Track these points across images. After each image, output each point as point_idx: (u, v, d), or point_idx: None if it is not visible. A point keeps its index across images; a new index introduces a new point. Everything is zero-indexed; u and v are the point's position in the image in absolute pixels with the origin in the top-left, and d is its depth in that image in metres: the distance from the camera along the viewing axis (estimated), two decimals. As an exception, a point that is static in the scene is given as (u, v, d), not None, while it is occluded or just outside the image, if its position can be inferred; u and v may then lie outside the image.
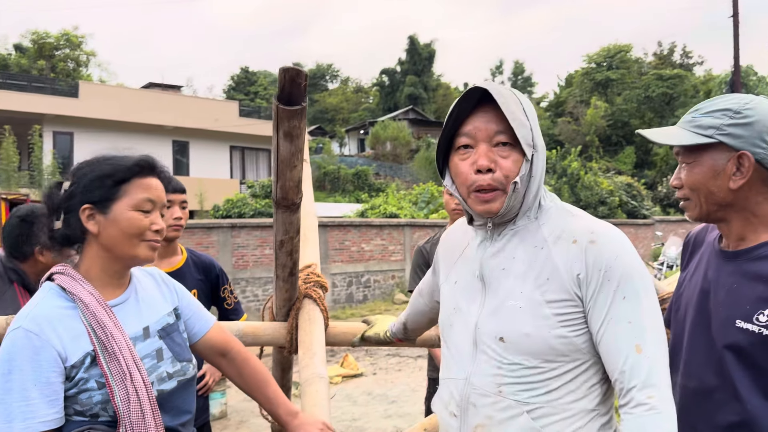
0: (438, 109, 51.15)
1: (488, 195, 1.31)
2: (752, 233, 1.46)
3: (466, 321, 1.39)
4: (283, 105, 1.46)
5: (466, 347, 1.37)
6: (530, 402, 1.27)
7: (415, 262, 3.15)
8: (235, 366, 1.71)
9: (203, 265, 2.77)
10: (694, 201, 1.50)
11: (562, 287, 1.27)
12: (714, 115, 1.44)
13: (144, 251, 1.47)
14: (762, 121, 1.40)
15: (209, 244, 12.13)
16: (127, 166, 1.48)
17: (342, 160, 33.29)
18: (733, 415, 1.40)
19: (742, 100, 1.44)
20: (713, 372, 1.45)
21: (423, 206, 19.56)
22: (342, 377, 7.44)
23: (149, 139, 21.21)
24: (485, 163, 1.29)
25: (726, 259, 1.50)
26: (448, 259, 1.57)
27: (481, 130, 1.31)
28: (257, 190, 16.36)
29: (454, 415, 1.37)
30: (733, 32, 19.29)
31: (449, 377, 1.42)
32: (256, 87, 47.20)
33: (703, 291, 1.53)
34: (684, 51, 45.50)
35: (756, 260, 1.42)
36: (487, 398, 1.30)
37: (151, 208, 1.48)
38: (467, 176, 1.33)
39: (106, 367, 1.37)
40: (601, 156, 34.86)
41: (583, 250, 1.27)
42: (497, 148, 1.31)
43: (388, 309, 13.78)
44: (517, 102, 1.32)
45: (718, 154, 1.43)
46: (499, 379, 1.29)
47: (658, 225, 21.95)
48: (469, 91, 1.32)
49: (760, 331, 1.36)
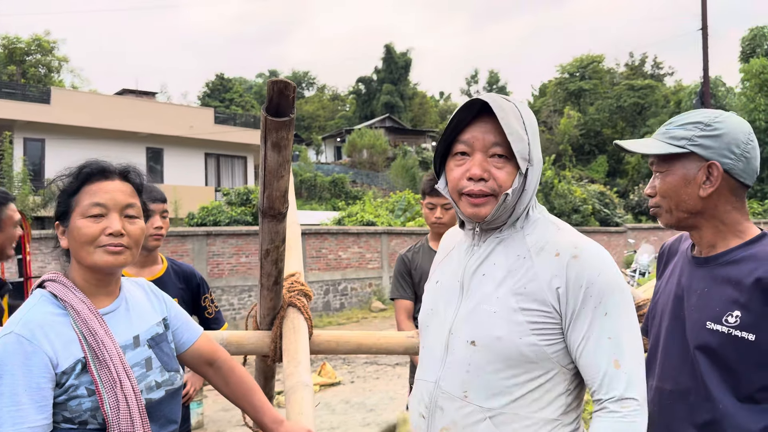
0: (414, 117, 51.44)
1: (479, 200, 1.34)
2: (721, 240, 1.53)
3: (441, 324, 1.43)
4: (271, 116, 1.49)
5: (438, 350, 1.41)
6: (493, 408, 1.30)
7: (397, 270, 3.19)
8: (221, 375, 1.72)
9: (184, 274, 2.77)
10: (665, 208, 1.57)
11: (539, 297, 1.31)
12: (686, 127, 1.52)
13: (101, 257, 1.43)
14: (730, 134, 1.48)
15: (184, 253, 12.00)
16: (73, 176, 1.48)
17: (318, 167, 33.27)
18: (706, 415, 1.46)
19: (712, 114, 1.52)
20: (687, 374, 1.51)
21: (400, 214, 19.62)
22: (320, 386, 7.42)
23: (122, 146, 20.93)
24: (477, 172, 1.33)
25: (698, 265, 1.57)
26: (437, 260, 1.61)
27: (478, 139, 1.35)
28: (233, 197, 16.22)
29: (422, 416, 1.41)
30: (703, 45, 19.80)
31: (422, 378, 1.46)
32: (231, 94, 46.86)
33: (677, 297, 1.59)
34: (655, 62, 46.55)
35: (725, 265, 1.50)
36: (454, 402, 1.34)
37: (103, 212, 1.44)
38: (458, 181, 1.37)
39: (96, 375, 1.37)
40: (574, 165, 35.39)
41: (564, 264, 1.30)
42: (493, 159, 1.34)
43: (365, 317, 13.77)
44: (517, 115, 1.34)
45: (689, 164, 1.51)
46: (466, 384, 1.33)
47: (630, 232, 22.32)
48: (471, 102, 1.35)
49: (729, 332, 1.43)
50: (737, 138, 1.49)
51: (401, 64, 50.85)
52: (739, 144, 1.48)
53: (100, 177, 1.48)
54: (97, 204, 1.43)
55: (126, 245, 1.45)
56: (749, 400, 1.42)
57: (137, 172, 1.57)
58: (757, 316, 1.40)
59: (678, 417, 1.52)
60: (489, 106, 1.32)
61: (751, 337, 1.40)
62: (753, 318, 1.41)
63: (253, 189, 16.43)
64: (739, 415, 1.42)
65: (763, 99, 33.44)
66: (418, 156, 35.43)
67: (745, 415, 1.41)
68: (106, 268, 1.45)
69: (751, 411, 1.41)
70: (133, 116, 21.31)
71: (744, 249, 1.49)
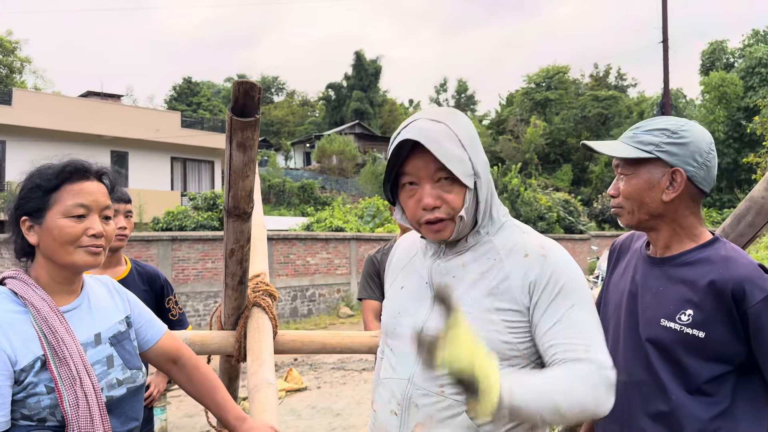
0: (384, 124, 51.59)
1: (437, 226, 1.39)
2: (677, 242, 1.61)
3: (413, 323, 1.45)
4: (236, 116, 1.51)
5: (410, 349, 1.42)
6: None
7: (366, 271, 3.23)
8: (185, 372, 1.73)
9: (148, 276, 2.75)
10: (627, 209, 1.63)
11: (511, 297, 1.36)
12: (653, 133, 1.58)
13: (81, 257, 1.45)
14: (695, 143, 1.55)
15: (148, 257, 11.83)
16: (54, 173, 1.47)
17: (287, 173, 33.07)
18: (660, 405, 1.53)
19: (678, 122, 1.59)
20: (641, 367, 1.58)
21: (369, 220, 19.65)
22: (286, 391, 7.38)
23: (87, 149, 20.08)
24: (430, 201, 1.37)
25: (653, 265, 1.64)
26: (396, 266, 1.64)
27: (421, 169, 1.38)
28: (199, 202, 16.02)
29: (395, 413, 1.42)
30: (663, 57, 20.38)
31: (391, 377, 1.47)
32: (198, 98, 46.34)
33: (631, 293, 1.66)
34: (619, 73, 47.68)
35: (680, 266, 1.57)
36: (429, 398, 1.36)
37: (85, 213, 1.46)
38: (415, 212, 1.41)
39: (56, 372, 1.37)
40: (540, 173, 35.97)
41: (534, 263, 1.37)
42: (440, 183, 1.38)
43: (332, 323, 13.75)
44: (451, 135, 1.36)
45: (654, 169, 1.57)
46: (442, 379, 1.35)
47: (593, 240, 22.78)
48: (402, 140, 1.37)
49: (681, 329, 1.50)
50: (701, 147, 1.55)
51: (371, 71, 51.02)
52: (702, 153, 1.55)
53: (81, 177, 1.49)
54: (81, 205, 1.45)
55: (104, 246, 1.49)
56: (698, 392, 1.50)
57: (110, 174, 1.59)
58: (708, 315, 1.48)
59: (633, 407, 1.59)
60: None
61: (701, 335, 1.48)
62: (704, 317, 1.48)
63: (219, 194, 16.27)
64: (691, 405, 1.49)
65: (721, 111, 34.52)
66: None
67: (696, 405, 1.49)
68: (85, 267, 1.47)
69: (700, 402, 1.49)
70: (97, 119, 20.89)
71: (698, 252, 1.56)
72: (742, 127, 30.23)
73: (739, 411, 1.49)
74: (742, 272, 1.46)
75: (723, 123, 34.61)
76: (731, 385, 1.50)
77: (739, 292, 1.45)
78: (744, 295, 1.44)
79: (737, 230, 1.78)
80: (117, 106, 23.68)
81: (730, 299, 1.46)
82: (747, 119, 29.53)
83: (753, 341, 1.46)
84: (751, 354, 1.48)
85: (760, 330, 1.44)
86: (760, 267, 1.48)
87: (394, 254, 1.68)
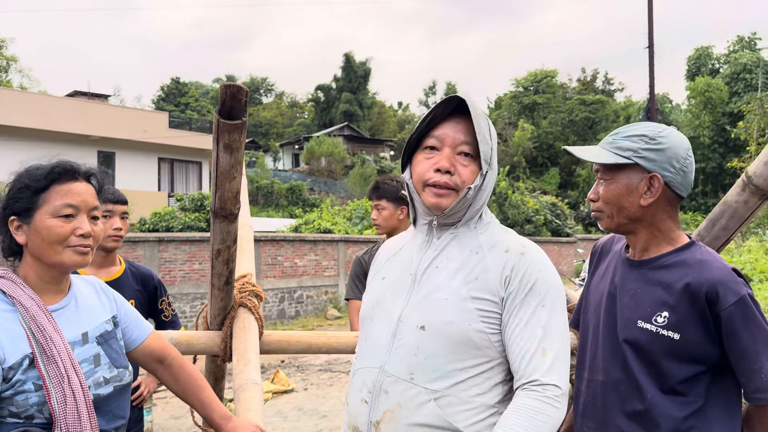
0: (373, 126, 51.62)
1: (442, 191, 1.44)
2: (655, 245, 1.65)
3: (388, 314, 1.49)
4: (223, 119, 1.54)
5: (384, 338, 1.47)
6: (438, 390, 1.37)
7: (354, 272, 3.26)
8: (171, 372, 1.75)
9: (142, 276, 2.77)
10: (607, 213, 1.67)
11: (488, 288, 1.41)
12: (632, 139, 1.62)
13: (70, 257, 1.47)
14: (672, 149, 1.60)
15: (135, 258, 11.75)
16: (44, 173, 1.49)
17: (276, 174, 33.00)
18: (636, 404, 1.58)
19: (657, 128, 1.63)
20: (618, 367, 1.62)
21: (357, 222, 19.66)
22: (272, 393, 7.38)
23: (73, 150, 20.31)
24: (446, 164, 1.43)
25: (631, 267, 1.68)
26: (380, 260, 1.67)
27: (449, 136, 1.46)
28: (186, 203, 15.92)
29: (365, 401, 1.45)
30: (649, 63, 20.60)
31: (363, 366, 1.51)
32: (186, 98, 46.15)
33: (610, 294, 1.70)
34: (606, 78, 48.09)
35: (657, 269, 1.61)
36: (399, 385, 1.40)
37: (74, 213, 1.48)
38: (425, 172, 1.46)
39: (44, 370, 1.39)
40: (527, 176, 36.17)
41: (513, 258, 1.43)
42: (459, 156, 1.45)
43: (320, 325, 13.74)
44: (486, 121, 1.47)
45: (633, 174, 1.61)
46: (413, 367, 1.39)
47: (580, 243, 22.95)
48: (449, 98, 1.45)
49: (657, 331, 1.55)
50: (678, 153, 1.59)
51: (360, 73, 51.03)
52: (679, 159, 1.59)
53: (70, 178, 1.51)
54: (69, 205, 1.47)
55: (92, 246, 1.51)
56: (672, 392, 1.54)
57: (98, 175, 1.61)
58: (683, 317, 1.52)
59: (610, 406, 1.63)
60: (464, 107, 1.44)
61: (676, 336, 1.52)
62: (679, 319, 1.53)
63: (207, 195, 16.19)
64: (665, 405, 1.54)
65: (707, 116, 34.90)
66: (376, 165, 35.58)
67: (670, 405, 1.53)
68: (73, 267, 1.49)
69: (674, 402, 1.54)
70: (84, 119, 20.74)
71: (675, 255, 1.60)
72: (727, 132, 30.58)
73: (711, 410, 1.54)
74: (716, 275, 1.50)
75: (708, 128, 35.00)
76: (705, 385, 1.54)
77: (712, 294, 1.49)
78: (717, 298, 1.48)
79: (712, 233, 1.82)
80: (104, 106, 23.51)
81: (704, 302, 1.50)
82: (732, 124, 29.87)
83: (725, 343, 1.51)
84: (724, 355, 1.53)
85: (732, 332, 1.48)
86: (734, 271, 1.53)
87: (379, 254, 1.71)
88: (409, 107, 65.29)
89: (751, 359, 1.48)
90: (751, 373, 1.49)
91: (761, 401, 1.51)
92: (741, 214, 1.75)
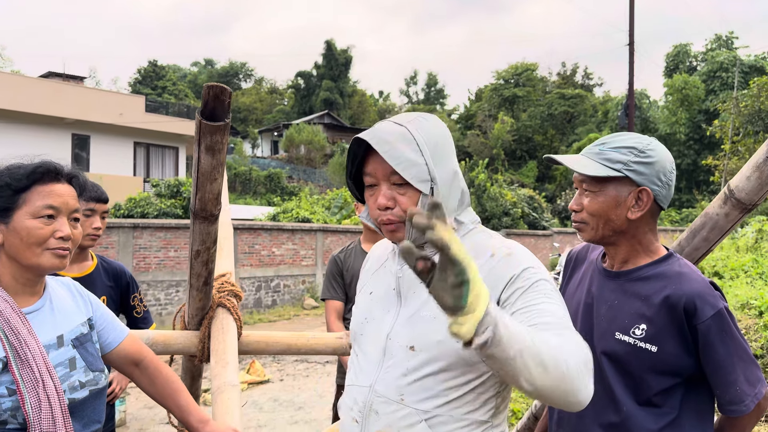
0: (354, 115, 51.44)
1: (392, 227, 1.41)
2: (634, 257, 1.65)
3: (378, 330, 1.46)
4: (206, 120, 1.50)
5: (375, 355, 1.44)
6: (429, 411, 1.34)
7: (329, 271, 3.23)
8: (147, 375, 1.72)
9: (114, 272, 2.73)
10: (591, 225, 1.64)
11: None
12: (621, 151, 1.59)
13: (48, 260, 1.44)
14: (660, 162, 1.59)
15: (109, 245, 11.57)
16: (26, 173, 1.45)
17: (254, 161, 32.75)
18: (612, 416, 1.58)
19: (644, 140, 1.61)
20: (595, 378, 1.62)
21: (336, 211, 19.61)
22: (248, 384, 7.35)
23: (47, 132, 19.91)
24: (383, 202, 1.38)
25: (609, 278, 1.68)
26: (368, 272, 1.64)
27: (378, 170, 1.40)
28: (162, 189, 15.68)
29: (356, 421, 1.43)
30: (629, 59, 20.75)
31: (354, 384, 1.47)
32: (164, 82, 45.37)
33: (587, 305, 1.70)
34: (585, 72, 48.50)
35: (635, 281, 1.61)
36: (389, 406, 1.36)
37: (54, 215, 1.45)
38: (373, 212, 1.43)
39: (17, 374, 1.35)
40: (506, 169, 36.40)
41: (500, 261, 1.37)
42: (395, 186, 1.39)
43: (297, 314, 13.71)
44: (408, 139, 1.37)
45: (622, 187, 1.59)
46: (403, 388, 1.36)
47: (556, 236, 23.19)
48: (357, 140, 1.40)
49: (635, 343, 1.55)
50: (665, 166, 1.59)
51: (342, 60, 50.73)
52: (666, 172, 1.59)
53: (52, 179, 1.48)
54: (51, 206, 1.44)
55: (70, 249, 1.48)
56: (648, 404, 1.56)
57: (79, 177, 1.58)
58: (660, 329, 1.53)
59: (585, 418, 1.63)
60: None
61: (653, 349, 1.53)
62: (656, 331, 1.53)
63: (184, 181, 15.98)
64: (640, 416, 1.55)
65: (683, 113, 35.43)
66: (355, 154, 35.42)
67: (645, 416, 1.55)
68: (51, 270, 1.46)
69: (649, 413, 1.55)
70: (58, 101, 20.29)
71: (653, 267, 1.61)
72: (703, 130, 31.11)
73: (685, 421, 1.55)
74: (694, 288, 1.51)
75: (684, 125, 35.53)
76: (679, 397, 1.56)
77: (690, 307, 1.50)
78: (695, 311, 1.49)
79: (692, 244, 1.84)
80: (79, 88, 23.01)
81: (681, 314, 1.51)
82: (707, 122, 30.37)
83: (701, 355, 1.52)
84: (700, 367, 1.54)
85: (708, 345, 1.50)
86: (711, 284, 1.54)
87: (368, 261, 1.68)
88: (390, 96, 65.14)
89: (727, 372, 1.50)
90: (726, 386, 1.51)
91: (735, 413, 1.53)
92: (722, 226, 1.76)
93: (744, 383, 1.51)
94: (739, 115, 18.13)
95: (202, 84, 6.49)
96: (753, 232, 11.10)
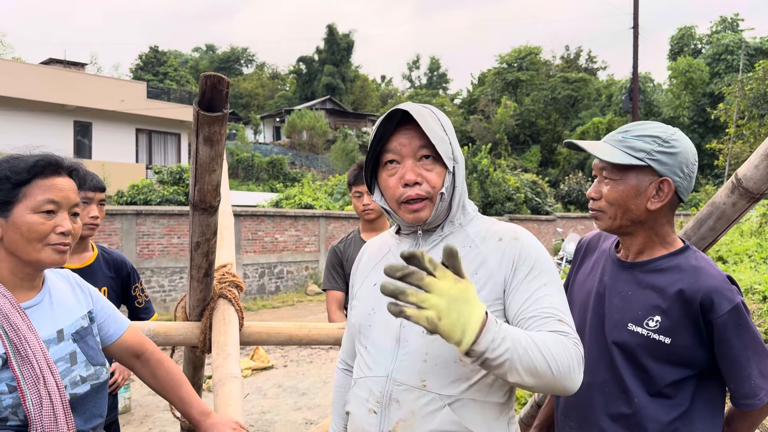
0: (356, 100, 51.19)
1: (418, 205, 1.40)
2: (650, 248, 1.62)
3: (389, 319, 1.43)
4: (203, 111, 1.48)
5: (388, 345, 1.42)
6: (452, 395, 1.34)
7: (329, 262, 3.21)
8: (148, 368, 1.71)
9: (114, 263, 2.71)
10: (609, 214, 1.62)
11: (490, 279, 1.37)
12: (645, 140, 1.56)
13: (48, 255, 1.42)
14: (684, 153, 1.56)
15: (112, 232, 11.60)
16: (26, 167, 1.42)
17: (256, 147, 32.62)
18: (622, 407, 1.57)
19: (668, 130, 1.58)
20: (605, 368, 1.61)
21: (338, 198, 19.58)
22: (252, 370, 7.38)
23: (48, 119, 19.86)
24: (412, 177, 1.39)
25: (623, 268, 1.66)
26: (366, 266, 1.62)
27: (405, 146, 1.40)
28: (165, 176, 15.66)
29: (373, 412, 1.40)
30: (633, 42, 20.58)
31: (368, 375, 1.45)
32: (165, 68, 45.11)
33: (598, 294, 1.68)
34: (589, 56, 48.16)
35: (650, 272, 1.59)
36: (411, 393, 1.35)
37: (55, 209, 1.43)
38: (396, 190, 1.42)
39: (18, 371, 1.34)
40: (509, 153, 36.25)
41: (508, 245, 1.40)
42: (421, 161, 1.40)
43: (300, 300, 13.75)
44: (435, 119, 1.42)
45: (643, 176, 1.56)
46: (424, 373, 1.35)
47: (559, 221, 23.14)
48: (391, 112, 1.40)
49: (648, 335, 1.54)
50: (688, 158, 1.56)
51: (343, 45, 50.36)
52: (688, 164, 1.56)
53: (53, 172, 1.45)
54: (52, 201, 1.42)
55: (71, 244, 1.47)
56: (659, 395, 1.54)
57: (79, 169, 1.56)
58: (675, 322, 1.51)
59: (595, 408, 1.62)
60: (408, 115, 1.39)
61: (667, 341, 1.51)
62: (671, 324, 1.52)
63: (186, 168, 15.94)
64: (651, 408, 1.53)
65: (687, 96, 35.16)
66: (358, 139, 35.35)
67: (657, 408, 1.53)
68: (51, 265, 1.44)
69: (660, 405, 1.54)
70: (60, 88, 20.21)
71: (669, 259, 1.58)
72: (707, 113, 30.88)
73: (696, 413, 1.54)
74: (711, 283, 1.49)
75: (688, 108, 35.27)
76: (691, 389, 1.55)
77: (707, 302, 1.48)
78: (712, 306, 1.47)
79: (699, 233, 1.81)
80: (80, 74, 22.91)
81: (698, 308, 1.49)
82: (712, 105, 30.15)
83: (716, 349, 1.51)
84: (713, 360, 1.53)
85: (724, 339, 1.48)
86: (728, 278, 1.52)
87: (362, 256, 1.66)
88: (392, 81, 64.82)
89: (742, 366, 1.49)
90: (741, 380, 1.50)
91: (748, 407, 1.52)
92: (729, 215, 1.73)
93: (758, 377, 1.50)
94: (744, 98, 17.96)
95: (203, 70, 6.38)
96: (757, 216, 11.05)
